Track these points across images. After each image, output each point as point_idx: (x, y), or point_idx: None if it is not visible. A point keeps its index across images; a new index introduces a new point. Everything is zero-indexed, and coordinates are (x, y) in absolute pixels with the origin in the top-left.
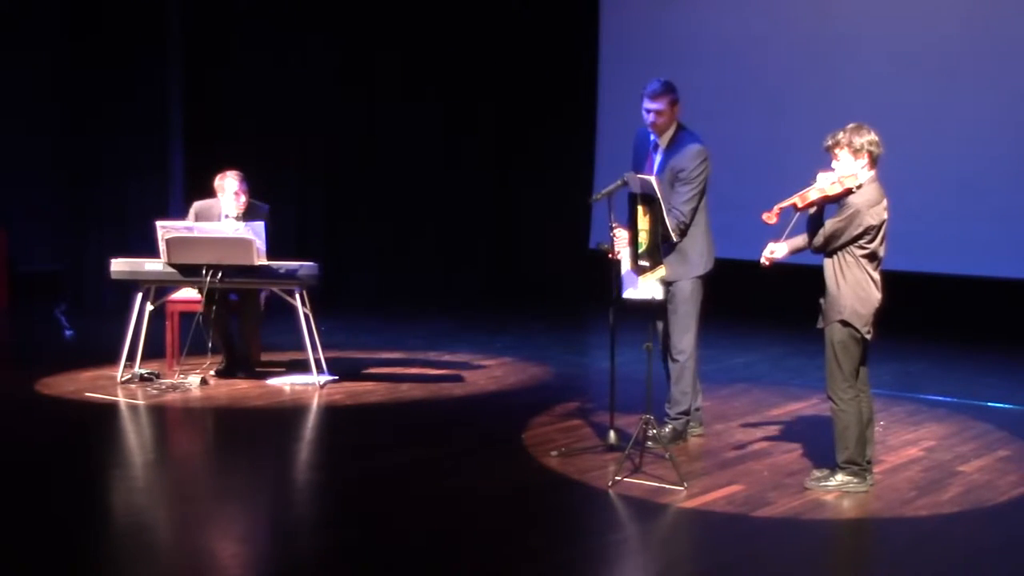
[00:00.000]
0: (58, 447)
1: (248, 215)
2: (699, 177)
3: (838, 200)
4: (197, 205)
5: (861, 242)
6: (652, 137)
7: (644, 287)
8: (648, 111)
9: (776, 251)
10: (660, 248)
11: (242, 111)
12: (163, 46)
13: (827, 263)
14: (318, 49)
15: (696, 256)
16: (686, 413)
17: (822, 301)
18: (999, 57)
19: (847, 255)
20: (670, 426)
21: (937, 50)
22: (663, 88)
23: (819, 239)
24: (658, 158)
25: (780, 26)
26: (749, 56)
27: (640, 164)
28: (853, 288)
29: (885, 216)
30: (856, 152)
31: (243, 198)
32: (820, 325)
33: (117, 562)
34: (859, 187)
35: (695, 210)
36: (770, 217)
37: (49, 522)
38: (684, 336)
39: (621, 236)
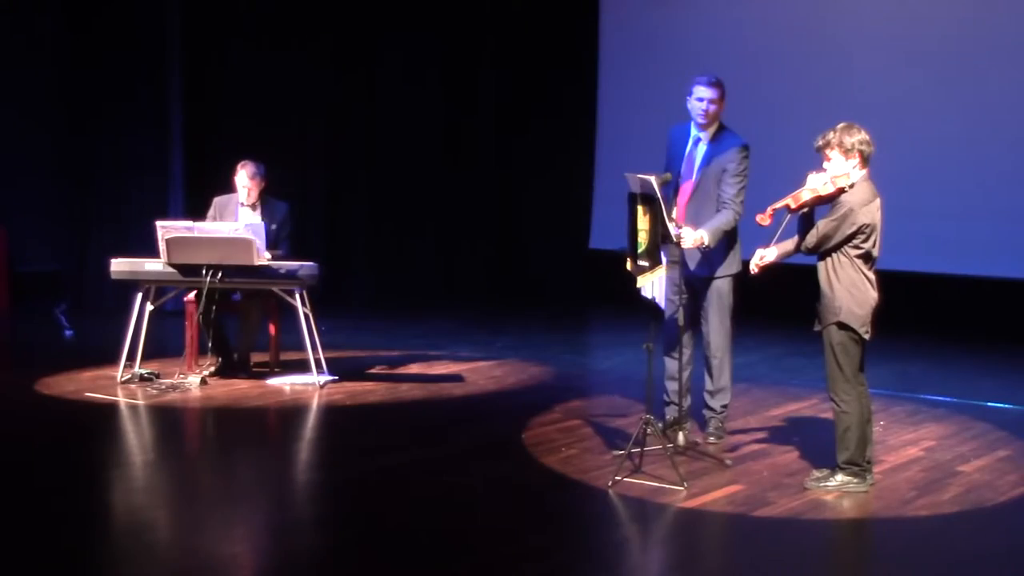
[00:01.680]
0: (58, 447)
1: (264, 211)
2: (745, 171)
3: (831, 200)
4: (217, 200)
5: (856, 241)
6: (695, 132)
7: (650, 288)
8: (702, 99)
9: (766, 256)
10: (660, 248)
11: (242, 111)
12: (163, 46)
13: (820, 266)
14: (318, 49)
15: (732, 254)
16: (727, 406)
17: (818, 305)
18: (999, 56)
19: (841, 256)
20: (716, 421)
21: (937, 50)
22: (717, 79)
23: (812, 240)
24: (702, 150)
25: (779, 25)
26: (748, 56)
27: (676, 161)
28: (848, 289)
29: (879, 215)
30: (847, 152)
31: (252, 189)
32: (817, 328)
33: (117, 562)
34: (851, 186)
35: (743, 203)
36: (764, 219)
37: (49, 522)
38: (721, 333)
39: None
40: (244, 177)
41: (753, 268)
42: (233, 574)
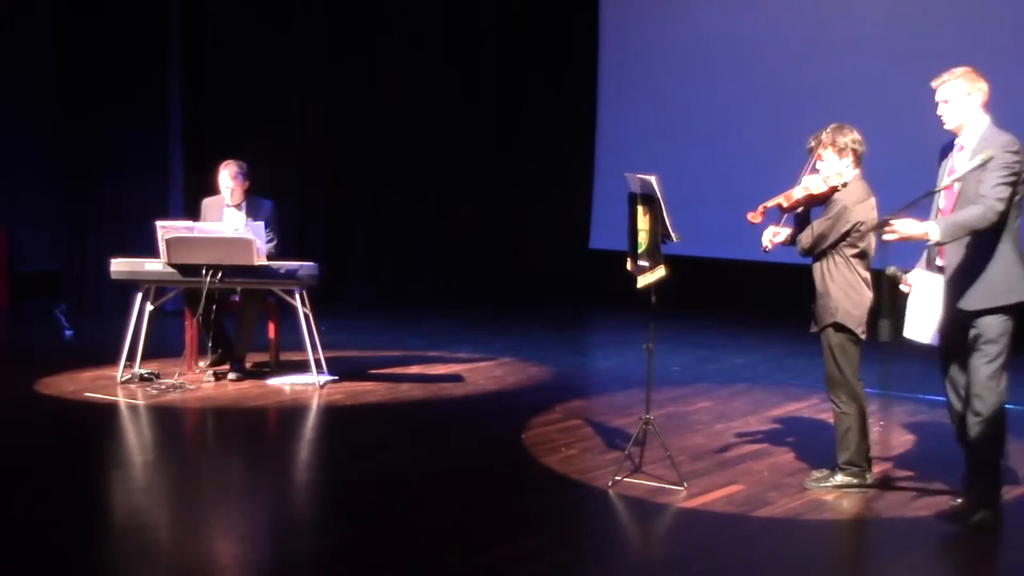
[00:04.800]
0: (58, 447)
1: (249, 209)
2: (1011, 165)
3: (824, 200)
4: (205, 201)
5: (851, 239)
6: (958, 140)
7: (924, 333)
8: (937, 103)
9: (780, 233)
10: (660, 248)
11: (242, 110)
12: (163, 46)
13: (816, 267)
14: (318, 48)
15: (1009, 278)
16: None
17: (813, 306)
18: (999, 57)
19: (836, 256)
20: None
21: (937, 50)
22: (944, 77)
23: (807, 240)
24: (960, 156)
25: (780, 25)
26: (749, 55)
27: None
28: (843, 290)
29: (873, 214)
30: (840, 151)
31: (236, 189)
32: (813, 330)
33: (117, 562)
34: (844, 185)
35: (1005, 201)
36: (755, 217)
37: (49, 522)
38: (991, 379)
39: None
40: (227, 177)
41: (766, 244)
42: (233, 574)
